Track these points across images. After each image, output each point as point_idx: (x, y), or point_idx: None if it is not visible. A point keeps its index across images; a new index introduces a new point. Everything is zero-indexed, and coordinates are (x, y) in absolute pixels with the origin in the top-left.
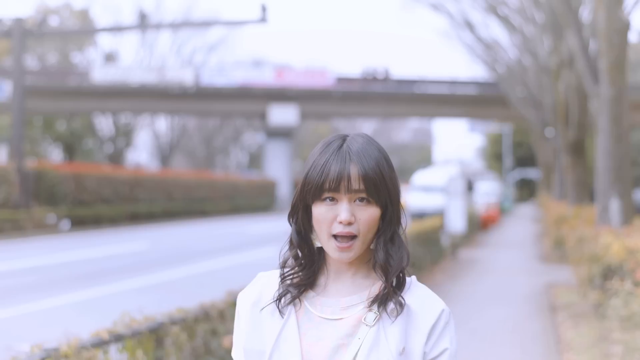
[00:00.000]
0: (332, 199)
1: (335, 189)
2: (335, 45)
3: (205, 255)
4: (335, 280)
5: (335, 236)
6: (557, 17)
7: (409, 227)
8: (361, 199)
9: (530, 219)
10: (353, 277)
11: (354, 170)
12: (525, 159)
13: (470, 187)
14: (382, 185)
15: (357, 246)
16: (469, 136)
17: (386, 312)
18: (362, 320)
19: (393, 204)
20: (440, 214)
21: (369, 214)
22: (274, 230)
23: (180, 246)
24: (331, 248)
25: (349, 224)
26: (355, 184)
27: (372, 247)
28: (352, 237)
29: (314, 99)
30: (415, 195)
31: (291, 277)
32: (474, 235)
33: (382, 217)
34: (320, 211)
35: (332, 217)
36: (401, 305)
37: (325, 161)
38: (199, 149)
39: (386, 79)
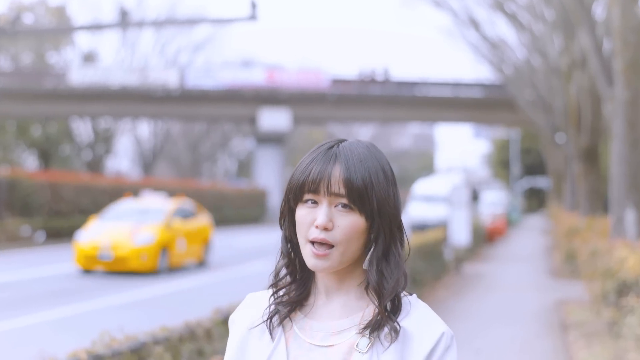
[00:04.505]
0: (314, 202)
1: (315, 190)
2: (330, 44)
3: (190, 270)
4: (325, 301)
5: (313, 242)
6: (568, 14)
7: (409, 239)
8: (343, 205)
9: (540, 231)
10: (345, 299)
11: (336, 172)
12: (534, 167)
13: (475, 196)
14: (369, 194)
15: (335, 257)
16: (474, 142)
17: (379, 338)
18: (355, 346)
19: (382, 217)
20: (443, 225)
21: (350, 221)
22: (265, 243)
23: None
24: (307, 254)
25: (325, 229)
26: (335, 186)
27: (365, 266)
28: (330, 246)
29: (307, 102)
30: (416, 206)
31: (283, 291)
32: (479, 248)
33: (371, 230)
34: (300, 214)
35: (310, 221)
36: (396, 331)
37: (311, 161)
38: (184, 156)
39: (385, 81)
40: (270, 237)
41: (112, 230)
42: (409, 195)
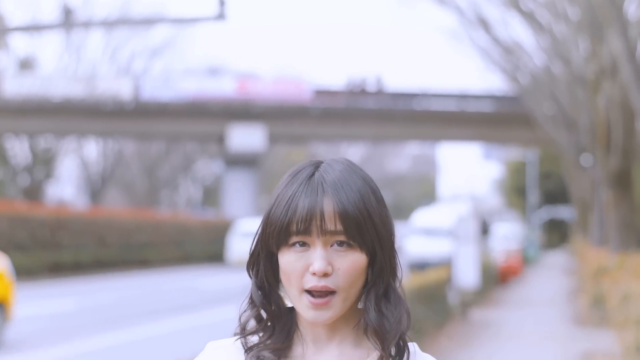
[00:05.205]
0: (303, 244)
1: (305, 230)
2: (313, 49)
3: (146, 316)
4: (316, 352)
5: (308, 291)
6: (596, 13)
7: (406, 280)
8: (340, 243)
9: (562, 270)
10: (339, 348)
11: (328, 206)
12: (555, 194)
13: (485, 229)
14: (367, 225)
15: (338, 303)
16: (483, 165)
17: None
18: None
19: (383, 248)
20: (446, 263)
21: (351, 262)
22: (235, 284)
23: (115, 305)
24: (304, 306)
25: (325, 275)
26: (330, 224)
27: (359, 306)
28: (330, 292)
29: (286, 117)
30: (416, 240)
31: (257, 346)
32: (489, 291)
33: (370, 265)
34: (288, 260)
35: (303, 268)
36: None
37: (292, 195)
38: (139, 182)
39: (378, 92)
40: (241, 278)
41: None
42: (407, 228)
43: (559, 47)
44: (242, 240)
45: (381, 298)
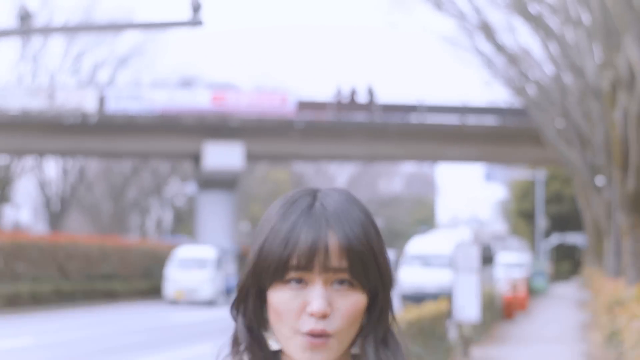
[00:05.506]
0: (300, 281)
1: (307, 266)
2: (296, 55)
3: (112, 354)
4: None
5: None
6: (611, 17)
7: (400, 314)
8: (341, 282)
9: (573, 302)
10: None
11: (333, 240)
12: (565, 219)
13: (487, 258)
14: (371, 262)
15: (334, 346)
16: (486, 186)
17: None
18: None
19: (385, 289)
20: (445, 295)
21: (352, 303)
22: (211, 318)
23: (77, 342)
24: (297, 347)
25: (324, 316)
26: (335, 260)
27: (354, 350)
28: (327, 335)
29: (266, 133)
30: (411, 270)
31: None
32: (493, 325)
33: (370, 307)
34: (281, 298)
35: (299, 307)
36: None
37: (292, 227)
38: (104, 205)
39: (370, 105)
40: (218, 312)
41: None
42: (402, 256)
43: (570, 55)
44: (179, 271)
45: (380, 344)
